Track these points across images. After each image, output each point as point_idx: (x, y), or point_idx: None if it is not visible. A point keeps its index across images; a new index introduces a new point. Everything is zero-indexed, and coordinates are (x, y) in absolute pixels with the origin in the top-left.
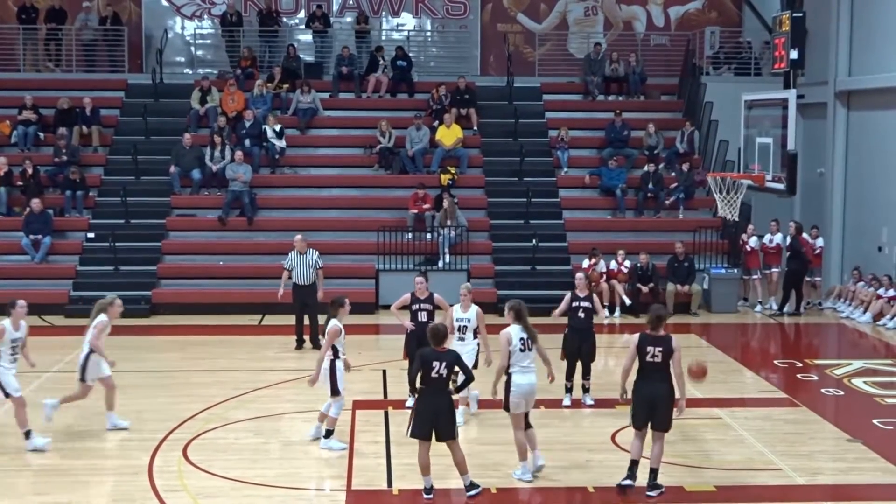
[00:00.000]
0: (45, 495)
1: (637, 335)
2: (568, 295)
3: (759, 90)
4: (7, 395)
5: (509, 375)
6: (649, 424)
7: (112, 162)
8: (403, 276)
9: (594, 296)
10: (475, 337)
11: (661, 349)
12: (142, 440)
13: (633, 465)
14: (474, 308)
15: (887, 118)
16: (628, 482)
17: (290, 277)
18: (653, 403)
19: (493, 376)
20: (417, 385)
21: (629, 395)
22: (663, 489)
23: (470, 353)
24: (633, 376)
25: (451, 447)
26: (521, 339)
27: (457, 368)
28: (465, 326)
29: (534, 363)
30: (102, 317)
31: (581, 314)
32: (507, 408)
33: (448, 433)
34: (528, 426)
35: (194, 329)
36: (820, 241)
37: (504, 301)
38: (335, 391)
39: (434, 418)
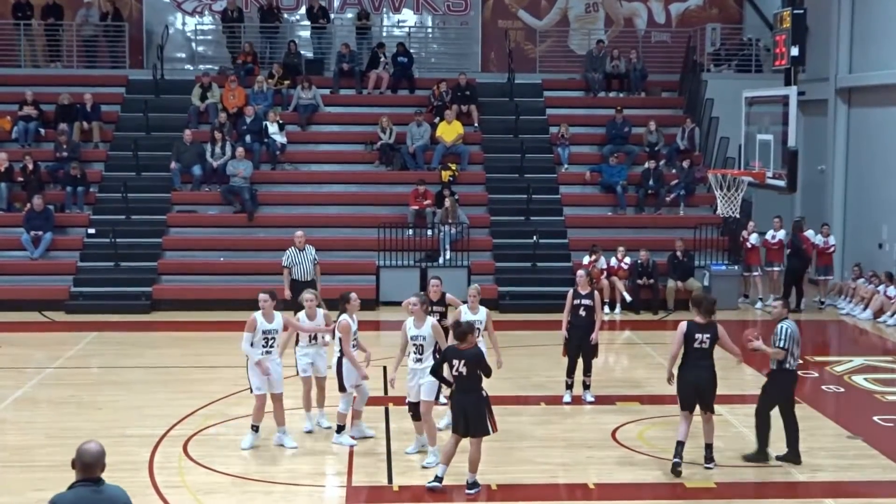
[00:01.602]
0: (44, 492)
1: (684, 323)
2: (570, 293)
3: (759, 87)
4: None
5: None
6: (697, 406)
7: (113, 158)
8: (404, 273)
9: (596, 293)
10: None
11: (708, 336)
12: (142, 436)
13: (680, 445)
14: (483, 309)
15: (888, 115)
16: (677, 460)
17: (290, 275)
18: (699, 388)
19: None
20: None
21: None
22: (714, 466)
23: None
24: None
25: (474, 443)
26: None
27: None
28: (478, 329)
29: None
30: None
31: (582, 312)
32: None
33: (479, 430)
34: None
35: (195, 325)
36: (832, 240)
37: (504, 298)
38: (342, 387)
39: (464, 415)
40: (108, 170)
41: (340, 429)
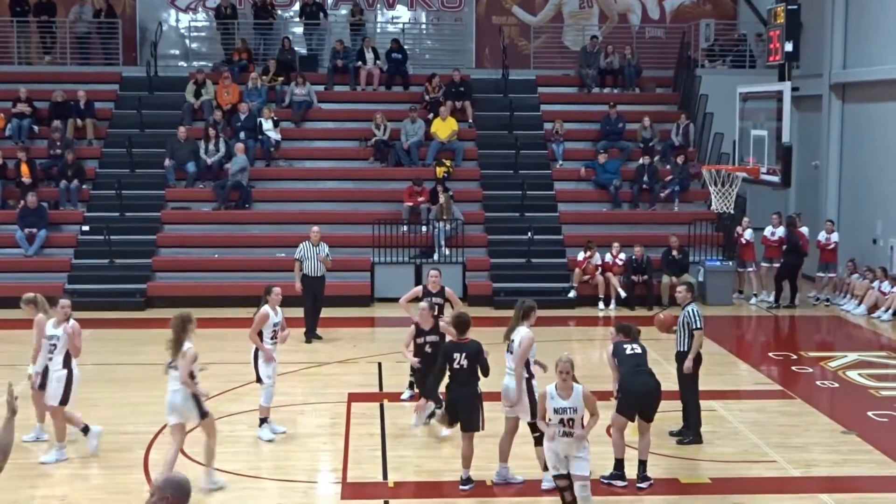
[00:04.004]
0: (39, 489)
1: (610, 345)
2: (412, 328)
3: (754, 83)
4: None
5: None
6: (638, 416)
7: (107, 155)
8: (399, 269)
9: (441, 323)
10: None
11: (637, 345)
12: (137, 433)
13: (619, 464)
14: (578, 390)
15: (882, 110)
16: (623, 484)
17: (300, 269)
18: (642, 394)
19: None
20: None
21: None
22: (652, 481)
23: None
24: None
25: (465, 439)
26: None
27: None
28: (572, 419)
29: (510, 366)
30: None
31: (428, 349)
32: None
33: (467, 424)
34: (536, 443)
35: None
36: (834, 237)
37: (499, 294)
38: (259, 379)
39: (455, 408)
40: (101, 167)
41: (262, 422)
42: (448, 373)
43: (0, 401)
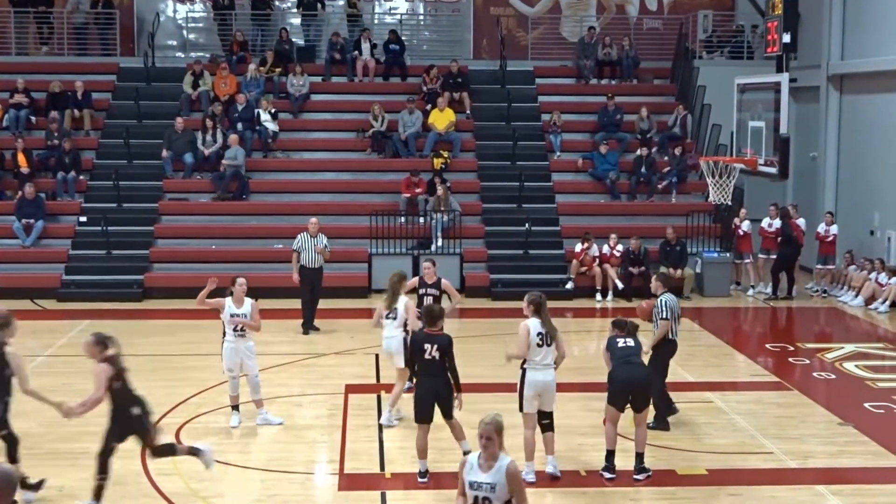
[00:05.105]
0: (35, 480)
1: (605, 341)
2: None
3: (751, 73)
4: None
5: (524, 371)
6: (630, 407)
7: (104, 146)
8: (396, 261)
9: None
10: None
11: (630, 338)
12: None
13: (611, 455)
14: (504, 463)
15: (880, 102)
16: (611, 475)
17: (298, 260)
18: (631, 385)
19: (496, 363)
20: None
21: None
22: (650, 472)
23: None
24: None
25: (452, 426)
26: (540, 333)
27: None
28: (488, 498)
29: (552, 361)
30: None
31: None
32: (521, 407)
33: (450, 412)
34: (547, 429)
35: (187, 313)
36: (834, 229)
37: (496, 286)
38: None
39: (434, 399)
40: (99, 158)
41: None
42: (418, 364)
43: None
